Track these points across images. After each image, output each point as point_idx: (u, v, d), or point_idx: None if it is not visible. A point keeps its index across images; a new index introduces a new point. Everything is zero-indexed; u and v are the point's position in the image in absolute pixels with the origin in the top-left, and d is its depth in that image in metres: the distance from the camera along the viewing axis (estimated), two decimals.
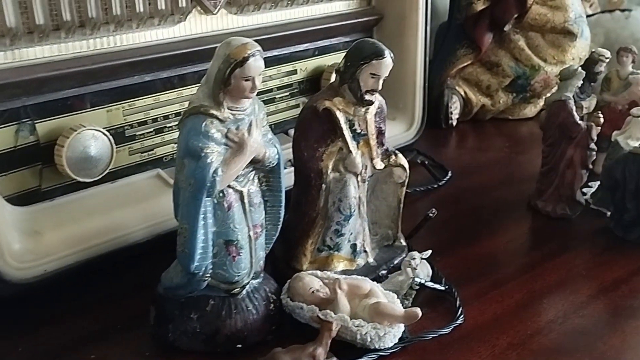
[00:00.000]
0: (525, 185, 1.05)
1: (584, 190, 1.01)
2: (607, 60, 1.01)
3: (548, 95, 1.03)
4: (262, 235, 0.69)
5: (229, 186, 0.64)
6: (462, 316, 0.73)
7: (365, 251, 0.80)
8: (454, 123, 1.36)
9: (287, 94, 1.01)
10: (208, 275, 0.65)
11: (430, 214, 0.87)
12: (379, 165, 0.78)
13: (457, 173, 1.13)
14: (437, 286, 0.77)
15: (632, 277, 0.82)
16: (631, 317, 0.74)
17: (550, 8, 1.34)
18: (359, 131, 0.74)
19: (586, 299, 0.78)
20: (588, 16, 1.59)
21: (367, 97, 0.72)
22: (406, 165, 0.79)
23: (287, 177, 0.76)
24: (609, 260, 0.86)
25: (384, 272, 0.79)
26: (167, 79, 0.86)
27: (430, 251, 0.79)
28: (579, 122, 0.92)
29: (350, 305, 0.68)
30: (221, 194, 0.63)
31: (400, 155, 0.79)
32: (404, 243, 0.84)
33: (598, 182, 0.97)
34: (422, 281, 0.76)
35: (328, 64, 1.04)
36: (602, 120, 0.93)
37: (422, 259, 0.78)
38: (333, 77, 0.78)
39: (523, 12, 1.31)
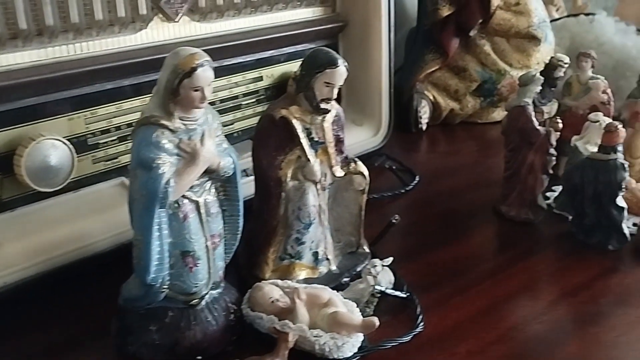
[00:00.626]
0: (492, 189, 1.06)
1: (548, 194, 1.02)
2: (567, 65, 1.02)
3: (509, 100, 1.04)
4: (220, 245, 0.68)
5: (184, 196, 0.63)
6: (422, 324, 0.73)
7: (327, 259, 0.80)
8: (424, 127, 1.37)
9: (254, 100, 1.01)
10: (165, 286, 0.65)
11: (394, 220, 0.87)
12: (339, 172, 0.78)
13: (425, 177, 1.14)
14: (398, 293, 0.77)
15: (592, 282, 0.82)
16: (590, 324, 0.75)
17: (514, 13, 1.35)
18: (316, 139, 0.74)
19: (547, 304, 0.78)
20: (554, 20, 1.62)
21: (323, 105, 0.72)
22: (366, 173, 0.80)
23: (248, 186, 0.76)
24: (570, 265, 0.87)
25: (346, 279, 0.79)
26: (129, 86, 0.85)
27: (391, 258, 0.79)
28: (538, 127, 0.93)
29: (309, 315, 0.68)
30: (176, 205, 0.63)
31: (359, 162, 0.79)
32: (367, 250, 0.84)
33: (561, 187, 0.98)
34: (383, 289, 0.76)
35: (294, 71, 1.03)
36: (560, 125, 0.94)
37: (383, 266, 0.78)
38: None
39: (487, 18, 1.33)
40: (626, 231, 0.89)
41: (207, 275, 0.67)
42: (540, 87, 1.01)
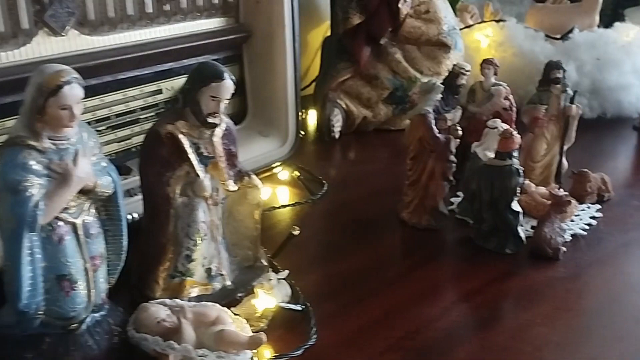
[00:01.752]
0: (399, 196, 1.06)
1: (453, 200, 1.04)
2: (468, 73, 1.04)
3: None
4: (102, 267, 0.66)
5: (58, 218, 0.61)
6: (315, 336, 0.73)
7: (221, 274, 0.78)
8: (337, 135, 1.37)
9: (153, 114, 0.99)
10: (40, 312, 0.62)
11: (294, 232, 0.86)
12: (232, 187, 0.77)
13: (335, 186, 1.14)
14: (292, 307, 0.77)
15: (487, 287, 0.84)
16: (482, 329, 0.76)
17: (424, 21, 1.37)
18: (205, 154, 0.73)
19: (441, 311, 0.79)
20: (468, 26, 1.65)
21: (210, 119, 0.70)
22: (260, 186, 0.79)
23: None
24: (467, 271, 0.88)
25: (241, 294, 0.78)
26: (11, 103, 0.82)
27: (287, 272, 0.79)
28: (438, 135, 0.94)
29: (196, 334, 0.66)
30: (49, 227, 0.61)
31: (253, 176, 0.79)
32: (265, 263, 0.83)
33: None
34: (277, 303, 0.75)
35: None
36: (460, 132, 0.95)
37: (279, 279, 0.77)
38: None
39: (397, 26, 1.34)
40: (522, 235, 0.91)
41: (87, 299, 0.65)
42: (441, 95, 1.03)
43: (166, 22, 0.97)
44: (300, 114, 1.15)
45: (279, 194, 1.09)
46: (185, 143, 0.71)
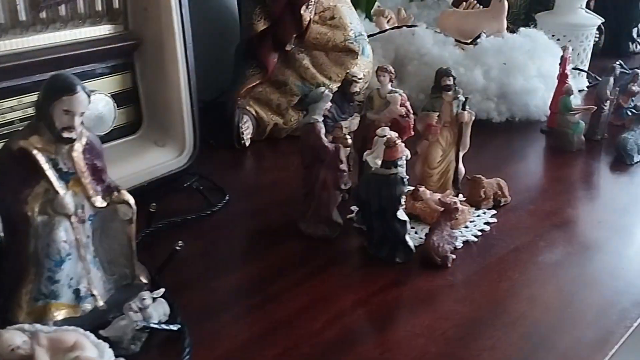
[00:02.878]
0: (300, 205, 1.05)
1: (353, 208, 1.03)
2: (361, 80, 1.04)
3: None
4: None
5: None
6: (187, 357, 0.70)
7: (92, 295, 0.75)
8: (247, 143, 1.35)
9: None
10: None
11: (177, 247, 0.84)
12: (100, 203, 0.73)
13: (238, 196, 1.12)
14: (165, 327, 0.74)
15: (371, 298, 0.82)
16: (358, 343, 0.74)
17: (330, 27, 1.36)
18: (65, 170, 0.69)
19: (322, 325, 0.77)
20: (382, 31, 1.66)
21: (66, 134, 0.67)
22: (132, 201, 0.76)
23: None
24: (356, 281, 0.87)
25: (116, 315, 0.75)
26: None
27: (162, 290, 0.76)
28: (327, 144, 0.93)
29: None
30: None
31: (123, 191, 0.75)
32: (144, 281, 0.80)
33: None
34: (149, 323, 0.72)
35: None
36: (349, 141, 0.95)
37: (154, 298, 0.75)
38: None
39: (301, 32, 1.33)
40: (411, 244, 0.90)
41: None
42: (336, 103, 1.02)
43: (43, 30, 0.92)
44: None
45: (176, 206, 1.06)
46: (41, 159, 0.67)
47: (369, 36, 1.48)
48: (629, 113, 1.42)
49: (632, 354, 0.79)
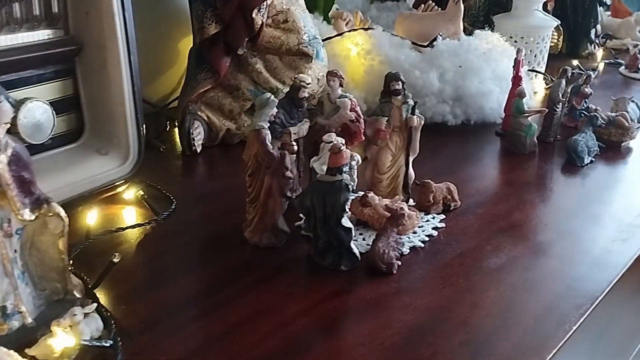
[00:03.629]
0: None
1: (301, 215, 1.01)
2: (309, 85, 1.02)
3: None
4: None
5: None
6: None
7: (20, 312, 0.72)
8: (198, 149, 1.33)
9: None
10: None
11: (114, 260, 0.81)
12: (27, 216, 0.71)
13: (186, 204, 1.09)
14: (97, 343, 0.71)
15: (314, 308, 0.81)
16: (295, 356, 0.73)
17: (283, 31, 1.34)
18: None
19: (259, 338, 0.75)
20: (340, 34, 1.64)
21: None
22: (63, 214, 0.73)
23: None
24: (299, 291, 0.85)
25: (44, 332, 0.72)
26: None
27: (94, 305, 0.74)
28: (272, 151, 0.91)
29: None
30: None
31: (54, 204, 0.73)
32: (78, 296, 0.78)
33: None
34: (80, 340, 0.70)
35: (17, 99, 0.95)
36: (295, 148, 0.93)
37: (85, 313, 0.72)
38: None
39: (253, 36, 1.31)
40: (356, 251, 0.89)
41: None
42: (285, 109, 1.00)
43: None
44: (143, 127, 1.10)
45: (120, 215, 1.04)
46: None
47: (325, 39, 1.47)
48: (582, 115, 1.43)
49: (571, 358, 0.79)
